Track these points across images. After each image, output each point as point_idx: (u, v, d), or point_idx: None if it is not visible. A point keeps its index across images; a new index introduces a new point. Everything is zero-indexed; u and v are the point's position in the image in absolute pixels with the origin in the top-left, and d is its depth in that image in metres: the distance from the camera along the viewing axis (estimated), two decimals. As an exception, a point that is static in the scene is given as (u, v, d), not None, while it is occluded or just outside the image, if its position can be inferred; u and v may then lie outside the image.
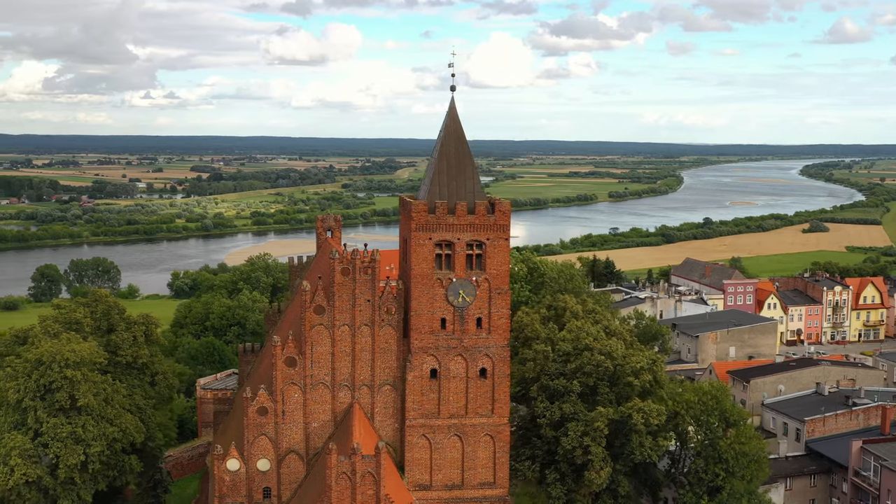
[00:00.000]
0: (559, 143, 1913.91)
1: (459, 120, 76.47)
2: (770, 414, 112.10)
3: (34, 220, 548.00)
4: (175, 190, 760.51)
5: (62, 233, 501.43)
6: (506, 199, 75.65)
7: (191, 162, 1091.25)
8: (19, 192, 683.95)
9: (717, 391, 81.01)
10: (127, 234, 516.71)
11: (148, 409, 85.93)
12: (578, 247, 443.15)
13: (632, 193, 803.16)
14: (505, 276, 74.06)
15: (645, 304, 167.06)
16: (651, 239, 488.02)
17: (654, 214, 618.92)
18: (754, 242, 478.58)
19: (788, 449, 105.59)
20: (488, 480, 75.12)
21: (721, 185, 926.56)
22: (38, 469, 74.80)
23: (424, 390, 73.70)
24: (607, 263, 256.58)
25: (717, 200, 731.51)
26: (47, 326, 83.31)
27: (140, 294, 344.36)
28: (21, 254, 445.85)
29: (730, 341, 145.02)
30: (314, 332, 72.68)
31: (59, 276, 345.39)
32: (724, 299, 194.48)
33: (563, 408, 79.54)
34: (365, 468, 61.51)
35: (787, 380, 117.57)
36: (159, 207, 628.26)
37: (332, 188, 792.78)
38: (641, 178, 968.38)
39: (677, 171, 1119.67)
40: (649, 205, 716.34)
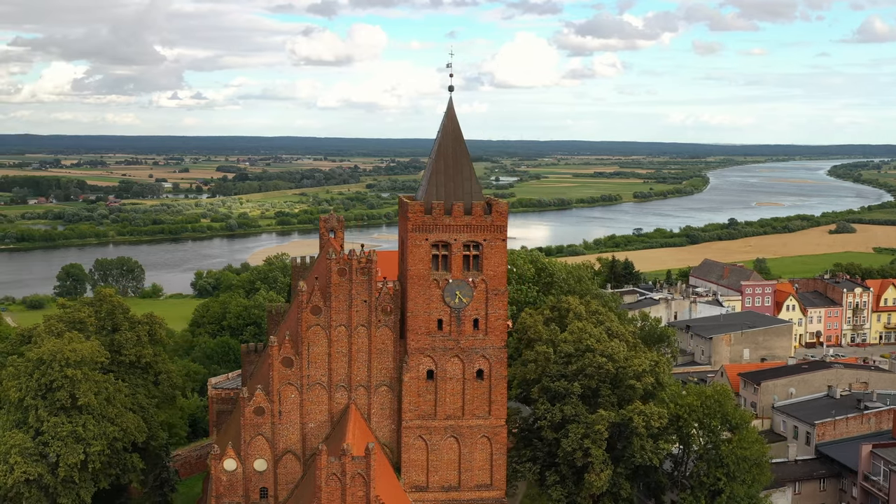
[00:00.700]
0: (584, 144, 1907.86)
1: (457, 120, 76.20)
2: (780, 417, 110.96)
3: (61, 219, 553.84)
4: (201, 190, 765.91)
5: (88, 232, 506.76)
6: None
7: (217, 162, 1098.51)
8: (47, 192, 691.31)
9: (719, 394, 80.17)
10: (152, 234, 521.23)
11: (150, 409, 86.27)
12: (602, 247, 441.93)
13: (656, 194, 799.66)
14: (502, 278, 73.72)
15: (659, 306, 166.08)
16: (675, 240, 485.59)
17: (679, 215, 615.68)
18: (780, 243, 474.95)
19: (798, 453, 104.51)
20: (485, 482, 74.76)
21: (747, 186, 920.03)
22: (38, 467, 75.26)
23: (421, 391, 73.50)
24: (626, 264, 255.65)
25: (743, 201, 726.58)
26: (51, 325, 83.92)
27: (164, 293, 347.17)
28: (48, 253, 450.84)
29: (744, 343, 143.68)
30: (311, 332, 72.66)
31: (84, 275, 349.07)
32: (742, 301, 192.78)
33: (563, 410, 79.05)
34: (355, 469, 61.35)
35: (799, 382, 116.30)
36: (185, 207, 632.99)
37: (356, 188, 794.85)
38: (667, 178, 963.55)
39: (703, 171, 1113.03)
40: (674, 205, 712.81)
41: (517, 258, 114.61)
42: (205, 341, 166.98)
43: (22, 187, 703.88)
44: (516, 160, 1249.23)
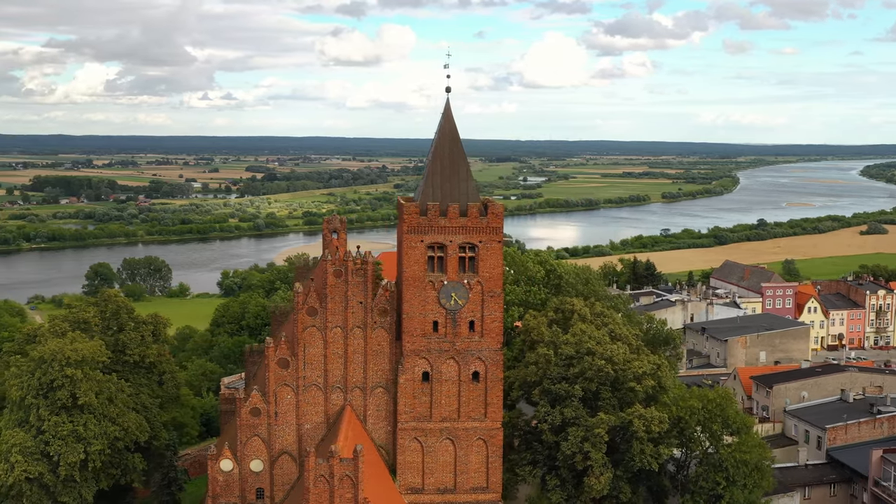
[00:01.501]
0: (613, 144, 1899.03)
1: (454, 121, 75.87)
2: (792, 421, 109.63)
3: (92, 219, 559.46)
4: (230, 190, 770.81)
5: (118, 232, 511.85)
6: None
7: (246, 162, 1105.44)
8: (79, 192, 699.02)
9: (721, 398, 79.26)
10: (181, 234, 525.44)
11: (153, 409, 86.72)
12: (629, 248, 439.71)
13: (685, 194, 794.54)
14: (498, 279, 73.39)
15: (675, 308, 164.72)
16: (703, 240, 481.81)
17: (708, 216, 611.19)
18: (810, 244, 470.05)
19: (810, 457, 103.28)
20: (481, 485, 74.46)
21: (778, 186, 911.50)
22: (39, 466, 75.86)
23: (416, 393, 73.34)
24: (648, 265, 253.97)
25: (773, 201, 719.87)
26: (55, 325, 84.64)
27: (190, 293, 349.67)
28: (78, 252, 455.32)
29: (760, 346, 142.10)
30: (307, 333, 72.79)
31: (112, 274, 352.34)
32: (763, 303, 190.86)
33: (564, 412, 78.50)
34: (343, 471, 61.28)
35: (812, 386, 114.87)
36: (213, 207, 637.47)
37: (384, 188, 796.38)
38: (696, 178, 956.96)
39: (733, 171, 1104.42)
40: (703, 206, 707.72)
41: (527, 260, 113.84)
42: (223, 341, 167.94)
43: (54, 187, 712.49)
44: (545, 160, 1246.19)
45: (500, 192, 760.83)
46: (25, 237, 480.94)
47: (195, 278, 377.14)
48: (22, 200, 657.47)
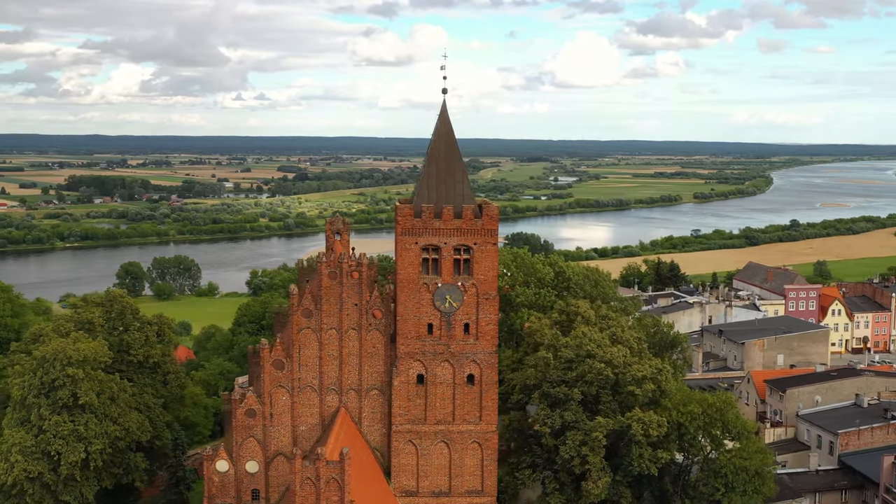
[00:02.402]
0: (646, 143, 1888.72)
1: (450, 123, 75.68)
2: (804, 425, 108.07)
3: (125, 218, 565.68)
4: (261, 190, 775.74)
5: (150, 231, 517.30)
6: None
7: (278, 162, 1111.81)
8: (112, 192, 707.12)
9: (722, 403, 78.23)
10: (212, 233, 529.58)
11: (156, 409, 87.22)
12: (658, 248, 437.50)
13: (717, 194, 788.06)
14: (493, 282, 72.96)
15: (693, 310, 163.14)
16: (734, 241, 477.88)
17: (739, 216, 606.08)
18: (843, 245, 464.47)
19: (822, 462, 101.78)
20: (476, 488, 74.09)
21: (812, 187, 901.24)
22: (40, 465, 76.58)
23: (411, 396, 73.11)
24: (672, 266, 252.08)
25: (807, 202, 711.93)
26: (59, 325, 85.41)
27: (219, 292, 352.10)
28: (110, 251, 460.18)
29: (778, 349, 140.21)
30: (302, 335, 72.80)
31: (142, 273, 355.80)
32: (785, 305, 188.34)
33: (563, 416, 77.91)
34: (329, 474, 61.26)
35: (826, 390, 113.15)
36: (244, 207, 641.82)
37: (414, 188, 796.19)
38: (729, 178, 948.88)
39: (767, 171, 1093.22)
40: (735, 206, 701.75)
41: (536, 262, 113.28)
42: (243, 340, 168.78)
43: (89, 187, 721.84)
44: (576, 160, 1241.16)
45: (531, 192, 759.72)
46: (59, 236, 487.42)
47: (224, 277, 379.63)
48: (57, 200, 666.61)
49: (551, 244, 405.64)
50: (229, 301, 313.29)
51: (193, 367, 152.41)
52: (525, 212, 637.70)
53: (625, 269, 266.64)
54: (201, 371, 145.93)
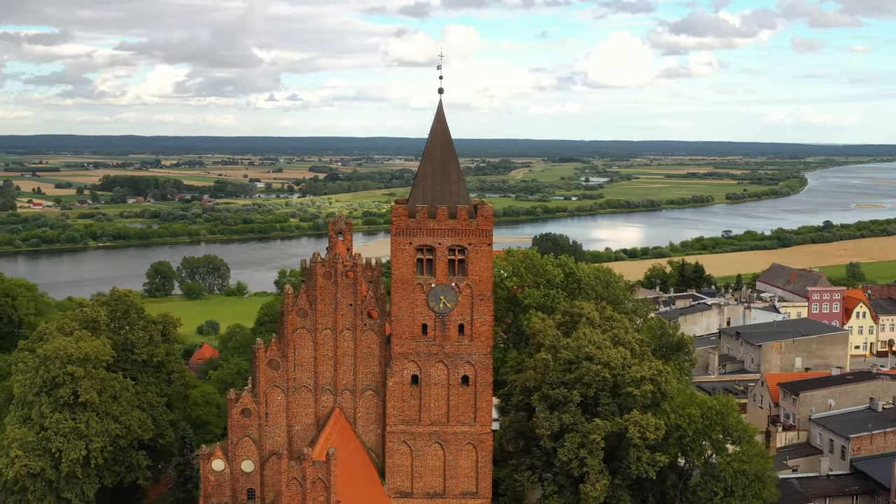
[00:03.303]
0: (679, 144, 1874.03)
1: (446, 123, 75.36)
2: (817, 429, 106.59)
3: (157, 218, 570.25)
4: (292, 190, 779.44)
5: (181, 231, 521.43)
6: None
7: (310, 162, 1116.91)
8: (145, 192, 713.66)
9: (722, 406, 77.15)
10: (242, 233, 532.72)
11: (160, 407, 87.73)
12: (689, 249, 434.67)
13: (750, 195, 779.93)
14: (488, 283, 72.62)
15: (711, 311, 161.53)
16: (766, 242, 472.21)
17: (772, 217, 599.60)
18: (877, 247, 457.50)
19: (834, 467, 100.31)
20: (470, 490, 73.78)
21: (847, 187, 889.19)
22: (41, 462, 77.35)
23: (405, 396, 72.94)
24: (696, 268, 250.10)
25: (842, 203, 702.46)
26: (64, 324, 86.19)
27: (248, 291, 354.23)
28: (142, 251, 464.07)
29: (795, 351, 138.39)
30: (297, 335, 72.94)
31: (172, 272, 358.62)
32: (808, 307, 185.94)
33: (562, 418, 77.31)
34: (315, 474, 61.25)
35: (841, 394, 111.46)
36: (275, 207, 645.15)
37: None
38: (762, 179, 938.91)
39: (801, 172, 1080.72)
40: (768, 207, 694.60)
41: (546, 263, 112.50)
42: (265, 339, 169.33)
43: (122, 187, 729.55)
44: (608, 161, 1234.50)
45: (562, 193, 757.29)
46: (92, 235, 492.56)
47: (253, 277, 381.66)
48: (91, 200, 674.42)
49: (580, 245, 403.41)
50: (257, 300, 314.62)
51: (213, 366, 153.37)
52: (555, 212, 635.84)
53: (649, 270, 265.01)
54: (219, 370, 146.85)
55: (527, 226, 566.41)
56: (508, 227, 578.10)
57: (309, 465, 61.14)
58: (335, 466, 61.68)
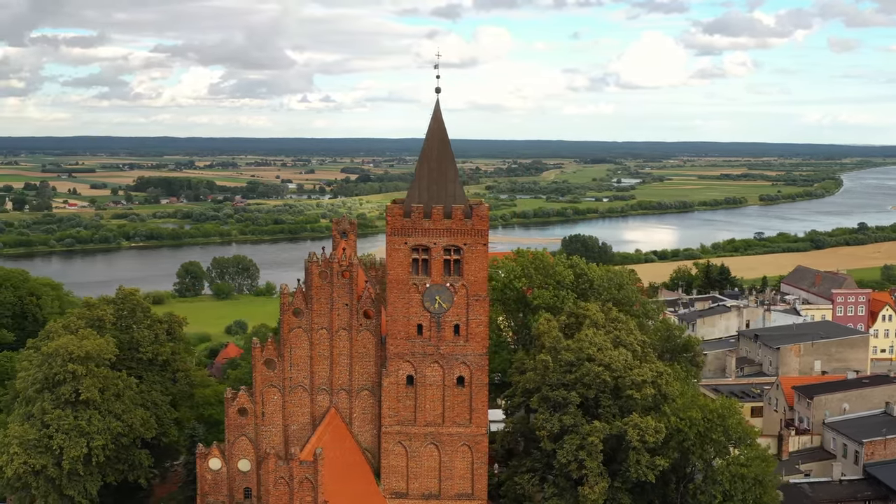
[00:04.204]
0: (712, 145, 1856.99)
1: (443, 123, 75.00)
2: (831, 434, 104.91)
3: (189, 218, 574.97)
4: (323, 191, 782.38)
5: (213, 231, 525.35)
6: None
7: (342, 163, 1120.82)
8: (179, 192, 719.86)
9: (724, 409, 76.04)
10: (272, 234, 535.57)
11: (164, 406, 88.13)
12: (720, 251, 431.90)
13: (784, 197, 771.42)
14: (483, 283, 72.21)
15: (731, 314, 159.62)
16: (799, 244, 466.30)
17: (806, 219, 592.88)
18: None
19: (847, 472, 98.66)
20: (466, 491, 73.43)
21: (884, 189, 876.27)
22: (42, 459, 77.96)
23: (400, 397, 72.71)
24: (722, 269, 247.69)
25: (878, 205, 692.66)
26: (69, 323, 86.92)
27: (276, 292, 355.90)
28: (174, 251, 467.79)
29: (815, 355, 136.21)
30: (292, 334, 72.98)
31: (202, 272, 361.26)
32: (833, 310, 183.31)
33: (562, 420, 76.65)
34: (303, 474, 61.19)
35: (856, 398, 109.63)
36: (306, 208, 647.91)
37: (475, 189, 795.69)
38: (797, 180, 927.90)
39: (837, 173, 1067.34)
40: (802, 209, 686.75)
41: (557, 263, 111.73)
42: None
43: (156, 187, 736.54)
44: (640, 162, 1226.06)
45: (593, 194, 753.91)
46: (125, 236, 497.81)
47: (283, 277, 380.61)
48: (125, 200, 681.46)
49: (609, 246, 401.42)
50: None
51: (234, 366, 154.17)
52: (585, 214, 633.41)
53: (675, 272, 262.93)
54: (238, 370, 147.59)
55: (557, 227, 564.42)
56: (538, 228, 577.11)
57: (296, 464, 61.15)
58: (323, 466, 61.54)
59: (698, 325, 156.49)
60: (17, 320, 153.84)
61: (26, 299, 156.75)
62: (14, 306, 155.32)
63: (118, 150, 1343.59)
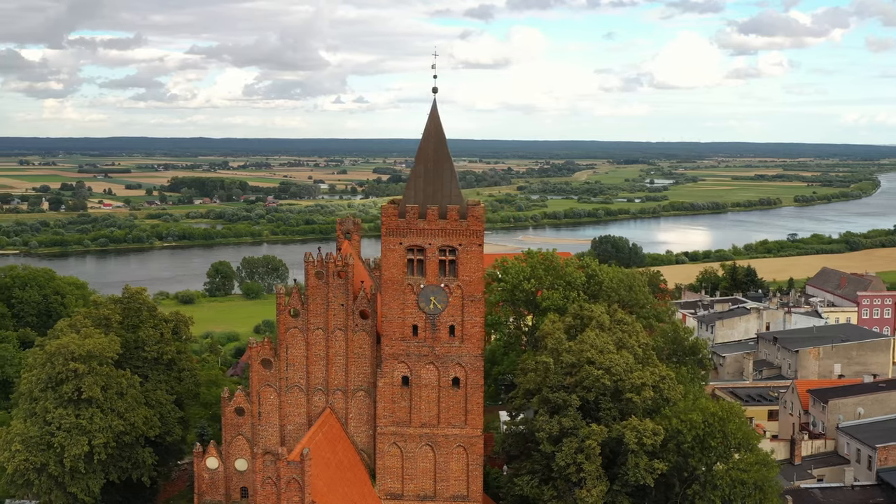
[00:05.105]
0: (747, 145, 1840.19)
1: (440, 123, 74.64)
2: (844, 438, 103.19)
3: (222, 218, 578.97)
4: (355, 191, 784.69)
5: (244, 231, 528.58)
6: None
7: (375, 164, 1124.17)
8: (212, 193, 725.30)
9: (724, 412, 74.96)
10: (304, 234, 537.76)
11: (168, 405, 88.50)
12: (752, 253, 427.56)
13: (819, 198, 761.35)
14: (478, 284, 71.80)
15: (750, 316, 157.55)
16: (833, 246, 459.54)
17: (841, 220, 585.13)
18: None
19: (860, 478, 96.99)
20: (461, 493, 73.05)
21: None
22: (43, 456, 78.61)
23: (395, 398, 72.50)
24: (748, 271, 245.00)
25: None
26: (75, 322, 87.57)
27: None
28: (206, 251, 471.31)
29: (835, 358, 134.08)
30: (289, 334, 73.03)
31: (232, 272, 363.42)
32: (858, 312, 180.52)
33: (562, 422, 76.02)
34: (290, 474, 61.11)
35: (872, 402, 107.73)
36: (337, 208, 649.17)
37: (506, 190, 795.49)
38: (833, 181, 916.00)
39: (874, 174, 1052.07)
40: (837, 210, 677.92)
41: (567, 264, 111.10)
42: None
43: (189, 188, 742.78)
44: (674, 162, 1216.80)
45: (625, 195, 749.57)
46: (158, 236, 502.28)
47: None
48: (159, 200, 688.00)
49: (640, 247, 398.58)
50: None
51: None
52: (617, 215, 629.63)
53: (701, 273, 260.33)
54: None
55: (588, 228, 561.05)
56: (569, 229, 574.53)
57: (283, 464, 61.08)
58: (313, 467, 61.46)
59: (717, 327, 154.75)
60: (41, 319, 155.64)
61: (51, 298, 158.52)
62: (39, 305, 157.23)
63: (154, 151, 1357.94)
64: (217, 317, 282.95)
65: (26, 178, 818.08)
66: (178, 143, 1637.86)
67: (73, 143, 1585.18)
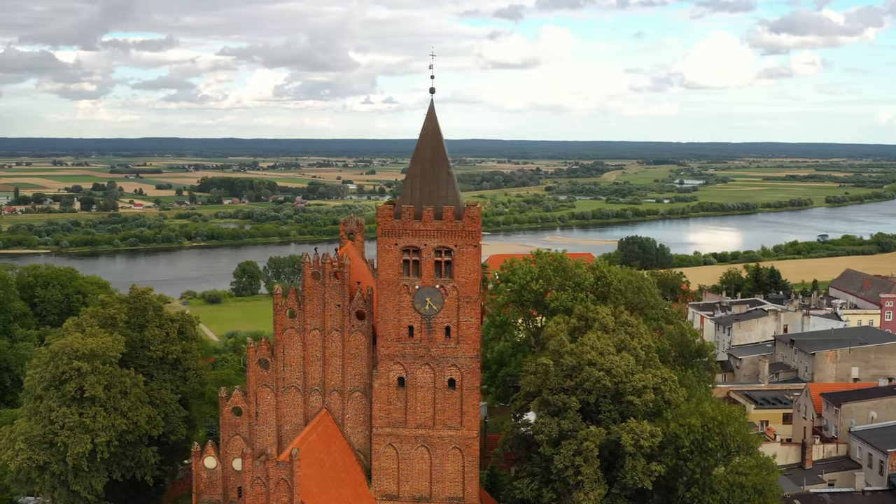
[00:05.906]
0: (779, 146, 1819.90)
1: (437, 123, 74.40)
2: (856, 442, 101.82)
3: (250, 218, 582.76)
4: (383, 191, 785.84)
5: (272, 231, 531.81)
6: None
7: (404, 164, 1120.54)
8: (241, 193, 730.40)
9: (723, 416, 74.09)
10: (331, 234, 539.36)
11: (172, 404, 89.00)
12: (782, 254, 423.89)
13: (852, 198, 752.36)
14: (474, 285, 71.45)
15: (767, 318, 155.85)
16: (864, 247, 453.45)
17: (873, 221, 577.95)
18: None
19: (871, 482, 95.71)
20: (457, 495, 72.68)
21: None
22: (45, 455, 79.33)
23: (391, 399, 72.32)
24: (772, 272, 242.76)
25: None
26: (82, 321, 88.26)
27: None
28: (234, 251, 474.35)
29: (852, 361, 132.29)
30: (286, 335, 73.09)
31: (258, 272, 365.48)
32: (882, 315, 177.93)
33: (561, 424, 75.56)
34: (279, 475, 61.14)
35: (886, 406, 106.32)
36: (365, 208, 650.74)
37: (535, 191, 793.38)
38: (866, 182, 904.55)
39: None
40: (870, 211, 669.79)
41: (577, 265, 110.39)
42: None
43: (219, 188, 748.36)
44: (704, 163, 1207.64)
45: (654, 196, 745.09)
46: (187, 235, 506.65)
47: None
48: (189, 201, 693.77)
49: (667, 248, 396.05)
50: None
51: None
52: (645, 215, 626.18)
53: (724, 274, 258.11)
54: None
55: (616, 228, 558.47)
56: (597, 229, 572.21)
57: (272, 465, 61.16)
58: (305, 467, 61.48)
59: (734, 329, 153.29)
60: (63, 318, 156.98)
61: (73, 297, 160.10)
62: (61, 304, 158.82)
63: (185, 152, 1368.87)
64: (243, 316, 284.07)
65: (59, 179, 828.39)
66: (208, 143, 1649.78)
67: (105, 143, 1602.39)
